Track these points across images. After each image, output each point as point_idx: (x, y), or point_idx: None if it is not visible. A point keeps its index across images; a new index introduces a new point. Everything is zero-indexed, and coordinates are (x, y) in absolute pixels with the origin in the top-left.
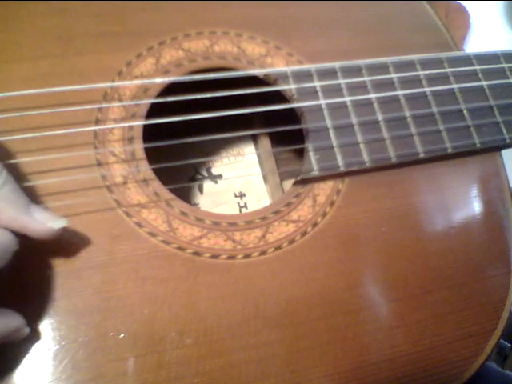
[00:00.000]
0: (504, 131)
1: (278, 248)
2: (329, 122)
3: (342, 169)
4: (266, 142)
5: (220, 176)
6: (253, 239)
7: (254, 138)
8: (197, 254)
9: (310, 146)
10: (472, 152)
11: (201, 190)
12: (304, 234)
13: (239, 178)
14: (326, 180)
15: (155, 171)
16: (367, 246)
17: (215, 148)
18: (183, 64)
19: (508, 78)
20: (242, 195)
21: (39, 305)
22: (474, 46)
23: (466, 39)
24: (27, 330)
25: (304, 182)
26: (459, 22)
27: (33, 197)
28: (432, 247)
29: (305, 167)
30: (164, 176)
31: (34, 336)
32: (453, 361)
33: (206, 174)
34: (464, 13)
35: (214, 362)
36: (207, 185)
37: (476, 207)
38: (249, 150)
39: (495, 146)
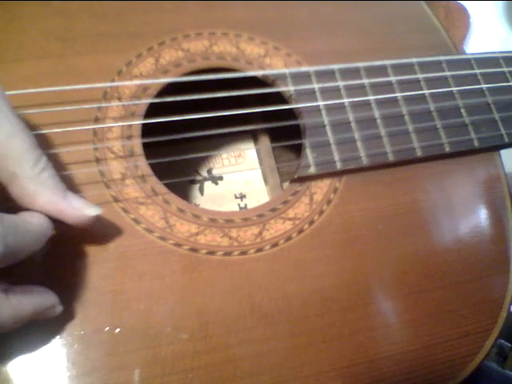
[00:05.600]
0: (502, 129)
1: (275, 245)
2: (326, 120)
3: (339, 166)
4: (266, 142)
5: (220, 177)
6: (249, 236)
7: (255, 139)
8: (193, 250)
9: (307, 142)
10: (471, 152)
11: (201, 191)
12: (300, 231)
13: (240, 179)
14: (324, 178)
15: (156, 172)
16: (364, 243)
17: (216, 149)
18: (182, 64)
19: (508, 81)
20: (242, 196)
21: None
22: (474, 46)
23: (466, 39)
24: (59, 309)
25: (301, 180)
26: (459, 22)
27: None
28: (429, 246)
29: (302, 165)
30: (165, 178)
31: (29, 330)
32: (449, 359)
33: (206, 175)
34: (464, 13)
35: (209, 357)
36: (208, 186)
37: (474, 207)
38: (250, 151)
39: (494, 146)
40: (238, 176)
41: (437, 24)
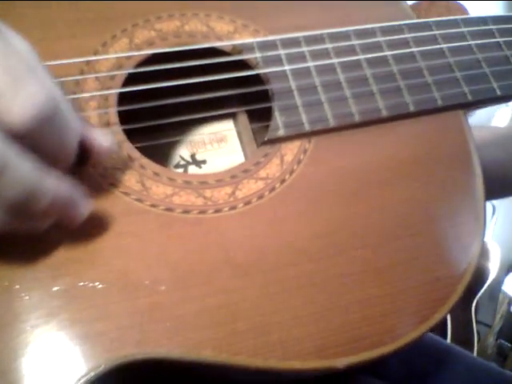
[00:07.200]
0: (464, 88)
1: (248, 203)
2: (293, 84)
3: (307, 128)
4: (244, 120)
5: (204, 161)
6: (223, 196)
7: (235, 119)
8: (169, 209)
9: (275, 106)
10: (435, 110)
11: None
12: (272, 189)
13: (223, 162)
14: (294, 140)
15: None
16: (334, 199)
17: (198, 134)
18: (155, 42)
19: (467, 40)
20: None
21: (11, 257)
22: None
23: None
24: (90, 205)
25: (272, 142)
26: None
27: None
28: (397, 198)
29: (271, 127)
30: None
31: (8, 287)
32: (421, 303)
33: (190, 159)
34: (464, 13)
35: (186, 306)
36: (192, 170)
37: (439, 161)
38: (232, 136)
39: (458, 104)
40: (221, 159)
41: None
